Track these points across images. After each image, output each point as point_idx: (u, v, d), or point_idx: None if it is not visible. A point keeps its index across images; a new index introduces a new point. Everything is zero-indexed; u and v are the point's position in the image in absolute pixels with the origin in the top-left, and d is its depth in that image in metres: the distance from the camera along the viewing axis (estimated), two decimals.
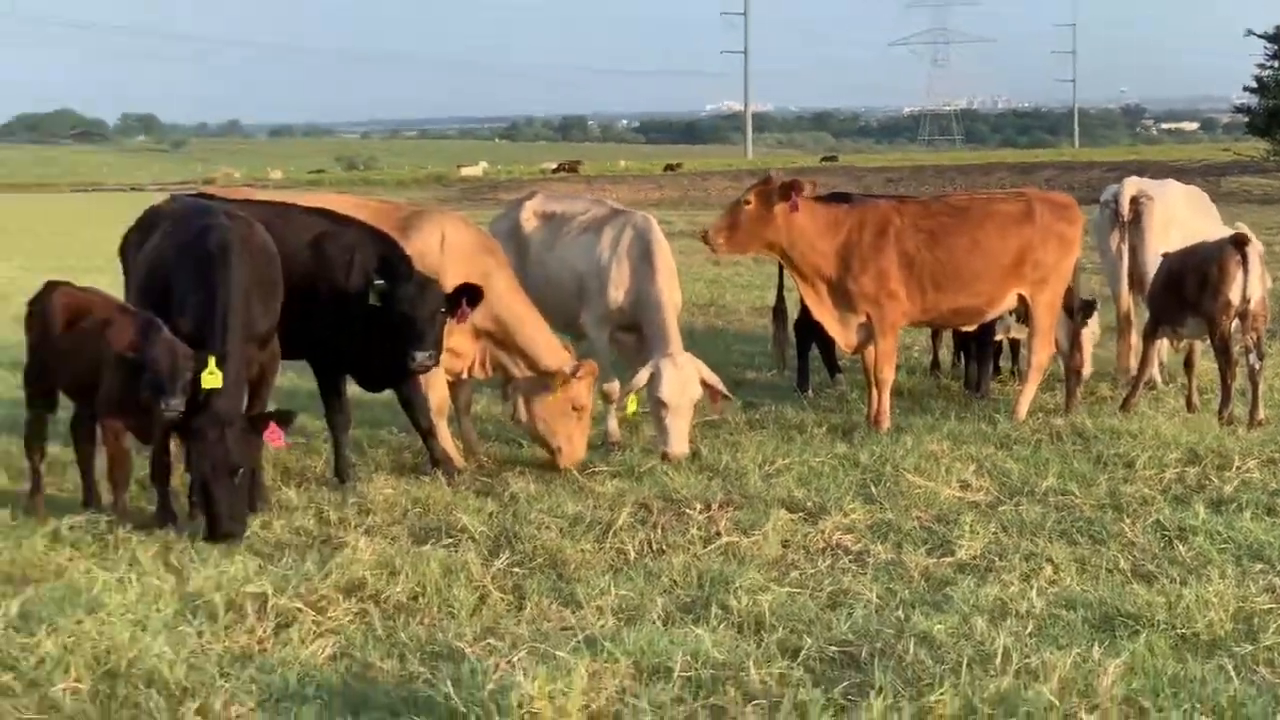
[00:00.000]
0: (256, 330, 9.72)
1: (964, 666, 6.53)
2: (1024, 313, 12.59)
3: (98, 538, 9.06)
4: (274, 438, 9.40)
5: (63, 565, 8.54)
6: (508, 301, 10.94)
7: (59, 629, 7.24)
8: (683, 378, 11.02)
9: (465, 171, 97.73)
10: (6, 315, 19.75)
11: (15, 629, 7.33)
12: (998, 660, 6.63)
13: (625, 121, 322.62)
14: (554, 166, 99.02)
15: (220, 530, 9.02)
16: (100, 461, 9.85)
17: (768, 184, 11.88)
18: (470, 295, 10.36)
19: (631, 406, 11.23)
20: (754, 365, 15.50)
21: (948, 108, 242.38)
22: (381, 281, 10.08)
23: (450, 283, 10.41)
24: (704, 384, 11.17)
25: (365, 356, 10.49)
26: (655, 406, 11.07)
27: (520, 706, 5.98)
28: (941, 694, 6.18)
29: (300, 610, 7.59)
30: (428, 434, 10.78)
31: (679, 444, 11.01)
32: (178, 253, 9.89)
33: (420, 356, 10.04)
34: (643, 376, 11.02)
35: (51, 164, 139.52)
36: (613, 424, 11.86)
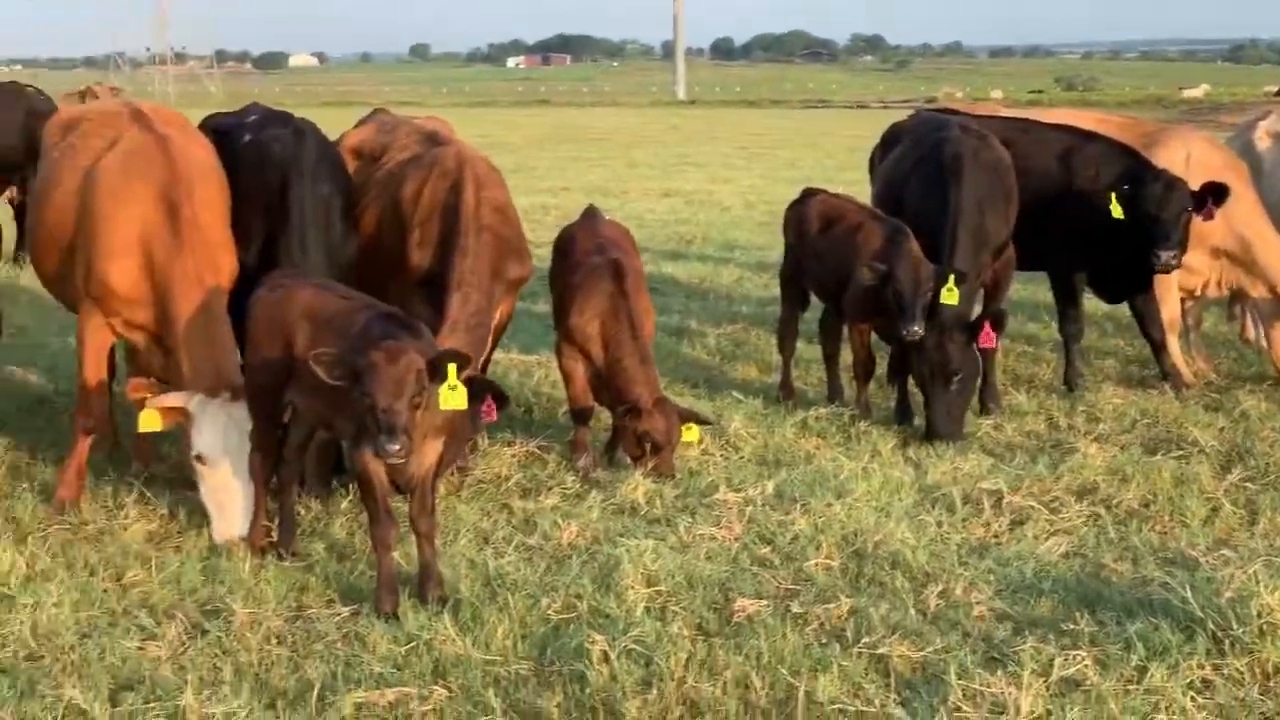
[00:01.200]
0: (989, 240, 9.99)
1: None
2: None
3: (841, 429, 9.64)
4: (986, 339, 9.61)
5: (811, 452, 9.15)
6: (1250, 221, 10.70)
7: (810, 509, 7.87)
8: None
9: (1186, 93, 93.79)
10: (752, 221, 21.03)
11: (771, 507, 7.98)
12: None
13: None
14: (1276, 90, 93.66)
15: (936, 433, 9.38)
16: (844, 358, 10.43)
17: None
18: (1217, 194, 10.12)
19: None
20: None
21: None
22: (1126, 186, 10.07)
23: None
24: None
25: (1107, 266, 10.56)
26: None
27: (1260, 616, 6.00)
28: None
29: (1034, 508, 7.91)
30: (1159, 347, 10.76)
31: None
32: (913, 165, 10.35)
33: (1165, 255, 9.93)
34: None
35: (784, 81, 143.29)
36: None
